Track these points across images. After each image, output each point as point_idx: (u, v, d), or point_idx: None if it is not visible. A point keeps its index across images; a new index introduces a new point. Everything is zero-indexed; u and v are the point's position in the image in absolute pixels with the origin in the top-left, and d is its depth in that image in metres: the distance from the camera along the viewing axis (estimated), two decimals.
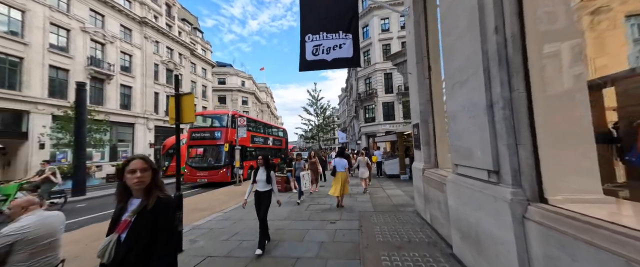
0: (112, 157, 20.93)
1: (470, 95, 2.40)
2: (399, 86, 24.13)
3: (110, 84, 20.96)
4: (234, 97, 46.60)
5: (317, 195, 7.80)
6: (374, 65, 25.03)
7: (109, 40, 21.10)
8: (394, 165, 11.45)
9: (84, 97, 8.48)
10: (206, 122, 11.23)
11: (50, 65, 16.75)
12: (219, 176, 10.13)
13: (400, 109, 24.29)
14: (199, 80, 34.12)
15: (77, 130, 8.35)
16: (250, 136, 12.79)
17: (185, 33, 31.80)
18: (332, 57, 4.63)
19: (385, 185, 9.47)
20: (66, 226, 4.96)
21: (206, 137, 10.79)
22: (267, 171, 3.82)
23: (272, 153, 16.64)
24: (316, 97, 17.14)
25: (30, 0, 15.76)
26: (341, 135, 39.48)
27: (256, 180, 3.87)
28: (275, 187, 3.80)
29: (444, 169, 4.18)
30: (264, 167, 3.86)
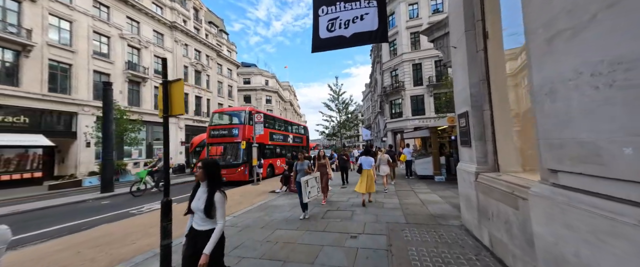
0: (149, 154, 22.46)
1: (603, 45, 1.30)
2: (429, 77, 21.92)
3: (145, 86, 22.42)
4: (258, 96, 47.72)
5: (337, 198, 6.91)
6: (401, 55, 23.09)
7: (144, 45, 22.54)
8: (426, 164, 10.03)
9: (110, 97, 8.75)
10: (224, 119, 11.09)
11: (94, 70, 18.33)
12: (237, 175, 9.85)
13: (431, 102, 22.08)
14: (225, 80, 35.33)
15: (105, 129, 8.64)
16: (269, 133, 12.39)
17: (212, 35, 33.03)
18: (351, 32, 3.69)
19: (416, 187, 8.21)
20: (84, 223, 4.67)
21: (224, 134, 10.62)
22: None
23: (293, 151, 16.16)
24: (338, 92, 16.17)
25: (76, 11, 17.32)
26: (365, 132, 37.88)
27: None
28: None
29: (511, 174, 2.99)
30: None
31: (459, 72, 4.00)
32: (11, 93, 13.80)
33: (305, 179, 4.97)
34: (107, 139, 8.63)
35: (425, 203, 5.91)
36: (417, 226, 4.18)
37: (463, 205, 4.04)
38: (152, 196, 8.62)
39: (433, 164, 9.73)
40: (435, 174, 9.62)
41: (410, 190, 7.83)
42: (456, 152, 9.94)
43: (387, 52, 25.35)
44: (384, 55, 25.71)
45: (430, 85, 21.67)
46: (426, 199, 6.32)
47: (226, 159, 10.27)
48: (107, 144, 8.59)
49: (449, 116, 9.57)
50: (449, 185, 8.39)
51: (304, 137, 18.31)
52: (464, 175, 3.88)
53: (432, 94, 21.92)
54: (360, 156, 6.88)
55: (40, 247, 3.86)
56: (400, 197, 6.69)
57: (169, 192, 3.03)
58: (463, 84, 3.79)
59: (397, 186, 8.78)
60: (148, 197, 8.41)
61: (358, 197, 6.82)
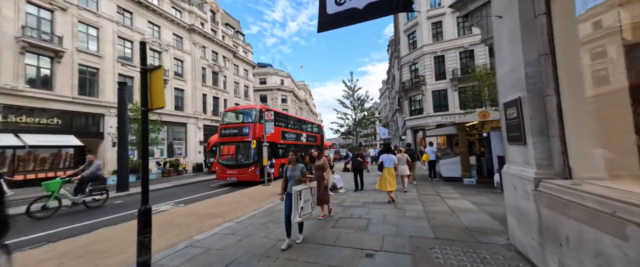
0: (170, 153, 23.31)
1: None
2: (453, 70, 20.22)
3: (167, 89, 23.21)
4: (274, 95, 48.13)
5: (351, 203, 6.20)
6: (422, 48, 21.58)
7: (164, 48, 23.37)
8: (452, 165, 8.94)
9: (124, 97, 8.83)
10: (234, 118, 10.84)
11: (119, 73, 19.24)
12: (248, 175, 9.53)
13: (455, 97, 20.36)
14: (242, 81, 35.90)
15: (120, 129, 8.74)
16: (281, 132, 11.98)
17: (228, 37, 33.67)
18: (365, 3, 2.99)
19: (443, 191, 7.23)
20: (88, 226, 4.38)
21: (234, 133, 10.37)
22: None
23: (306, 150, 15.65)
24: (352, 88, 15.32)
25: (102, 18, 18.27)
26: (383, 130, 36.45)
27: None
28: None
29: (594, 182, 2.11)
30: None
31: (505, 49, 3.12)
32: (46, 97, 14.80)
33: (297, 189, 3.56)
34: (122, 138, 8.73)
35: (456, 211, 5.01)
36: (450, 244, 3.37)
37: (513, 219, 3.15)
38: (156, 198, 8.46)
39: (461, 165, 8.63)
40: (463, 176, 8.52)
41: (436, 194, 6.89)
42: (489, 151, 8.72)
43: (405, 45, 23.91)
44: (403, 49, 24.29)
45: (455, 79, 19.98)
46: (456, 206, 5.39)
47: (237, 158, 10.01)
48: (122, 143, 8.68)
49: (480, 110, 8.42)
50: (481, 189, 7.30)
51: (319, 136, 17.74)
52: (515, 181, 3.00)
53: (456, 88, 20.21)
54: (380, 154, 7.04)
55: (24, 255, 3.64)
56: (424, 203, 5.82)
57: (148, 198, 2.56)
58: (513, 62, 2.91)
59: (419, 188, 7.85)
60: (153, 199, 8.29)
61: (374, 203, 6.07)
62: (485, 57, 19.34)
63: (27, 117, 14.15)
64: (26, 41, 13.97)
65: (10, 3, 13.74)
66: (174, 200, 7.74)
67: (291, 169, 3.85)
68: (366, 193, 6.87)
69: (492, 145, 8.30)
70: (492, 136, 8.35)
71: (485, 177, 8.76)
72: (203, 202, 7.00)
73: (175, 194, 9.06)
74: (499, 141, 8.18)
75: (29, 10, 14.65)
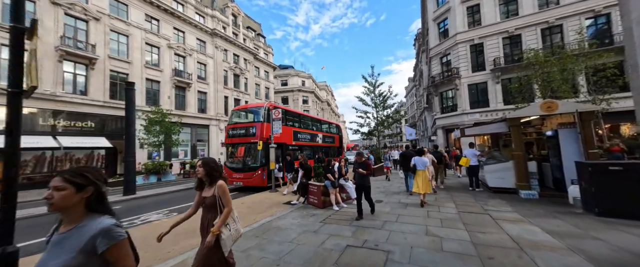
0: (193, 155, 23.94)
1: None
2: (495, 59, 17.34)
3: (190, 91, 23.96)
4: (295, 97, 48.00)
5: (368, 223, 4.82)
6: (455, 36, 18.99)
7: (188, 53, 24.18)
8: (503, 172, 6.96)
9: (132, 97, 8.62)
10: (242, 117, 10.11)
11: (146, 78, 20.19)
12: (254, 179, 8.66)
13: (497, 90, 17.43)
14: (263, 82, 36.16)
15: (127, 129, 8.51)
16: (293, 132, 10.97)
17: (249, 39, 34.15)
18: None
19: (493, 207, 5.44)
20: None
21: (241, 134, 9.60)
22: None
23: (322, 152, 14.44)
24: (373, 83, 13.67)
25: (131, 26, 19.31)
26: (409, 131, 33.76)
27: None
28: None
29: None
30: None
31: None
32: (81, 101, 15.86)
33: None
34: (129, 139, 8.49)
35: (526, 247, 3.34)
36: None
37: None
38: (156, 203, 7.90)
39: (516, 172, 6.64)
40: (519, 186, 6.53)
41: (484, 212, 5.15)
42: (556, 154, 6.61)
43: (435, 35, 21.42)
44: (432, 40, 21.81)
45: (497, 69, 17.09)
46: (523, 237, 3.69)
47: (244, 161, 9.22)
48: (128, 144, 8.45)
49: (544, 101, 6.41)
50: (549, 207, 5.37)
51: (337, 137, 16.43)
52: None
53: (499, 80, 17.28)
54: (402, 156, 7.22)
55: None
56: (469, 227, 4.20)
57: (12, 236, 1.58)
58: None
59: (457, 201, 6.13)
60: (151, 204, 7.69)
61: (397, 223, 4.62)
62: (537, 41, 16.20)
63: (64, 121, 15.25)
64: (64, 50, 15.07)
65: (50, 15, 14.97)
66: (172, 207, 7.11)
67: None
68: (382, 215, 5.23)
69: (563, 147, 6.23)
70: (562, 134, 6.28)
71: (551, 190, 6.64)
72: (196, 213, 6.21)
73: (178, 199, 8.55)
74: (574, 141, 6.07)
75: (67, 21, 15.85)
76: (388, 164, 10.46)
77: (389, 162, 10.54)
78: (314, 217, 5.20)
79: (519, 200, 6.14)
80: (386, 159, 10.58)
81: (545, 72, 9.40)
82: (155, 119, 15.92)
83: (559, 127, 6.31)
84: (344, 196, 6.67)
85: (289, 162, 8.85)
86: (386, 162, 10.52)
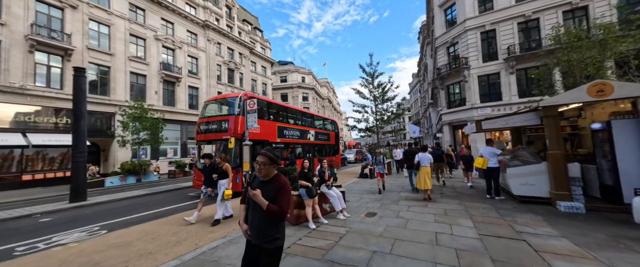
0: (183, 153, 22.74)
1: None
2: (509, 47, 15.58)
3: (180, 87, 22.69)
4: (295, 93, 46.56)
5: (354, 244, 3.38)
6: (464, 23, 17.23)
7: (178, 46, 22.87)
8: (533, 177, 5.40)
9: (82, 86, 7.26)
10: (214, 109, 8.63)
11: (131, 71, 18.94)
12: None
13: (512, 82, 15.69)
14: (259, 78, 34.78)
15: (75, 123, 7.18)
16: (278, 128, 9.53)
17: (245, 33, 32.71)
18: None
19: (524, 226, 3.94)
20: None
21: (212, 129, 8.09)
22: None
23: (316, 150, 12.97)
24: (372, 74, 12.08)
25: (113, 15, 18.02)
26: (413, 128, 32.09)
27: None
28: None
29: None
30: None
31: None
32: (55, 95, 14.65)
33: None
34: (78, 135, 7.17)
35: None
36: None
37: None
38: (104, 213, 6.33)
39: (552, 177, 5.09)
40: (557, 196, 4.98)
41: (517, 236, 3.64)
42: (605, 154, 5.04)
43: (441, 24, 19.66)
44: (438, 28, 20.06)
45: (512, 58, 15.33)
46: None
47: None
48: (77, 141, 7.13)
49: (594, 83, 4.84)
50: (603, 225, 3.91)
51: (332, 134, 14.94)
52: None
53: (513, 70, 15.53)
54: (405, 155, 7.40)
55: None
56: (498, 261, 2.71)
57: None
58: None
59: (475, 216, 4.62)
60: (96, 215, 6.17)
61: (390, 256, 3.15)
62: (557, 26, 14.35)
63: (36, 117, 14.08)
64: (35, 39, 13.85)
65: (19, 1, 13.73)
66: (111, 220, 5.71)
67: None
68: (371, 239, 3.82)
69: (618, 143, 4.67)
70: (617, 127, 4.72)
71: (598, 200, 5.07)
72: (126, 230, 4.67)
73: (139, 206, 7.22)
74: (634, 136, 4.50)
75: (39, 8, 14.62)
76: (381, 170, 7.23)
77: (382, 167, 7.22)
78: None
79: (559, 215, 4.60)
80: (378, 163, 7.27)
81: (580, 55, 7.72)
82: (135, 114, 14.62)
83: (611, 118, 4.72)
84: (327, 207, 5.22)
85: (290, 162, 7.45)
86: (380, 167, 7.23)
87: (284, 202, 1.69)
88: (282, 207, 1.66)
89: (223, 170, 5.29)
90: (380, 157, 7.43)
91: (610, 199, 4.85)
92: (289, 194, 1.76)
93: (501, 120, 5.94)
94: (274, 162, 1.80)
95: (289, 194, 1.76)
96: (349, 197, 6.86)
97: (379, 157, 7.44)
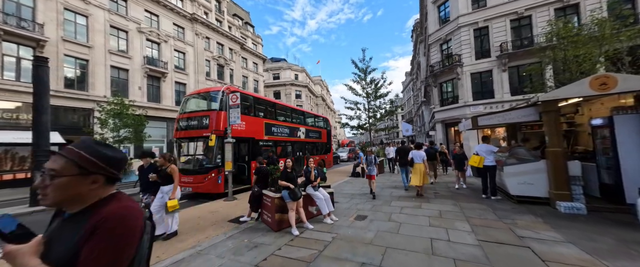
0: (170, 151, 21.79)
1: None
2: (501, 44, 15.50)
3: (166, 82, 21.71)
4: (288, 91, 45.85)
5: (341, 254, 2.96)
6: (457, 19, 17.06)
7: (164, 39, 21.84)
8: (530, 176, 5.13)
9: (43, 77, 6.53)
10: (194, 104, 7.94)
11: (111, 65, 17.91)
12: (206, 184, 6.65)
13: (504, 79, 15.65)
14: (251, 74, 33.92)
15: (36, 119, 6.47)
16: (265, 125, 9.01)
17: (235, 27, 31.75)
18: None
19: (525, 230, 3.63)
20: None
21: (193, 126, 7.38)
22: None
23: (307, 148, 12.51)
24: (364, 69, 11.67)
25: (92, 5, 16.92)
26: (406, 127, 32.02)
27: None
28: None
29: None
30: None
31: None
32: (26, 90, 13.58)
33: None
34: (39, 132, 6.46)
35: None
36: None
37: None
38: None
39: (551, 176, 4.81)
40: (556, 196, 4.71)
41: (519, 243, 3.31)
42: (606, 151, 4.80)
43: (435, 20, 19.46)
44: (431, 25, 19.85)
45: (504, 55, 15.25)
46: None
47: (193, 161, 7.21)
48: (39, 139, 6.42)
49: (596, 76, 4.57)
50: (607, 226, 3.65)
51: (324, 132, 14.50)
52: None
53: (506, 67, 15.47)
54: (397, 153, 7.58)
55: None
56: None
57: None
58: None
59: (474, 222, 4.29)
60: (40, 226, 5.57)
61: None
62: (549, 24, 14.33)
63: (4, 113, 13.04)
64: (2, 28, 12.77)
65: None
66: None
67: None
68: (359, 248, 3.50)
69: (620, 140, 4.42)
70: (620, 122, 4.46)
71: (598, 200, 4.84)
72: None
73: None
74: (637, 132, 4.25)
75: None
76: (373, 172, 6.37)
77: (373, 168, 6.37)
78: (254, 251, 3.31)
79: (559, 216, 4.32)
80: (369, 163, 6.41)
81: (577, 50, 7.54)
82: (114, 110, 13.73)
83: (613, 113, 4.46)
84: (314, 210, 4.79)
85: (270, 162, 6.96)
86: (370, 168, 6.39)
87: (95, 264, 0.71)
88: None
89: (167, 173, 4.02)
90: (371, 156, 6.56)
91: (611, 199, 4.62)
92: (117, 246, 0.74)
93: (498, 116, 5.63)
94: (84, 172, 0.82)
95: (117, 246, 0.74)
96: (339, 198, 6.45)
97: (370, 157, 6.55)
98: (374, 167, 6.55)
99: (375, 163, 6.61)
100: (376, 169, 6.82)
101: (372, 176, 6.49)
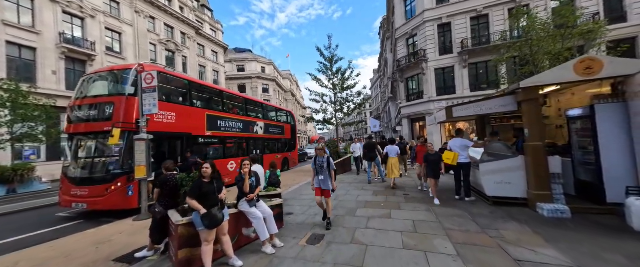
0: None
1: None
2: (462, 41, 15.85)
3: (94, 67, 17.67)
4: (254, 84, 42.80)
5: None
6: (422, 14, 17.01)
7: (89, 14, 17.73)
8: (507, 174, 4.52)
9: None
10: (93, 88, 5.71)
11: (7, 41, 13.73)
12: (109, 198, 4.58)
13: (464, 75, 16.09)
14: (209, 64, 30.43)
15: None
16: (208, 117, 7.19)
17: (189, 9, 27.88)
18: None
19: (513, 243, 2.80)
20: None
21: (91, 117, 5.26)
22: None
23: (266, 146, 10.92)
24: (330, 58, 10.54)
25: None
26: (374, 122, 32.31)
27: None
28: None
29: None
30: None
31: None
32: None
33: None
34: None
35: None
36: None
37: None
38: None
39: (530, 174, 4.22)
40: (537, 197, 4.12)
41: (503, 254, 2.42)
42: (584, 145, 4.39)
43: (401, 14, 19.29)
44: (398, 19, 19.67)
45: (465, 52, 15.62)
46: None
47: (90, 166, 5.08)
48: None
49: (582, 59, 3.99)
50: (600, 234, 3.04)
51: (288, 127, 13.04)
52: None
53: (466, 64, 15.89)
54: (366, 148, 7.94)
55: None
56: None
57: None
58: None
59: (453, 234, 3.39)
60: None
61: None
62: (504, 22, 15.05)
63: None
64: None
65: None
66: None
67: None
68: None
69: (602, 133, 3.95)
70: (602, 113, 3.98)
71: (576, 199, 4.40)
72: None
73: None
74: (620, 125, 3.80)
75: None
76: (323, 184, 3.83)
77: (326, 179, 3.83)
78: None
79: (546, 223, 3.69)
80: (320, 168, 3.87)
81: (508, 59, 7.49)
82: (1, 99, 10.21)
83: (595, 103, 3.97)
84: (251, 233, 3.40)
85: (184, 167, 5.25)
86: (321, 179, 3.85)
87: None
88: None
89: None
90: (322, 158, 3.92)
91: (589, 197, 4.19)
92: None
93: (474, 106, 4.93)
94: None
95: None
96: (295, 207, 5.16)
97: (321, 159, 3.92)
98: (329, 176, 3.84)
99: (329, 169, 3.88)
100: (333, 178, 3.93)
101: (326, 191, 3.83)
